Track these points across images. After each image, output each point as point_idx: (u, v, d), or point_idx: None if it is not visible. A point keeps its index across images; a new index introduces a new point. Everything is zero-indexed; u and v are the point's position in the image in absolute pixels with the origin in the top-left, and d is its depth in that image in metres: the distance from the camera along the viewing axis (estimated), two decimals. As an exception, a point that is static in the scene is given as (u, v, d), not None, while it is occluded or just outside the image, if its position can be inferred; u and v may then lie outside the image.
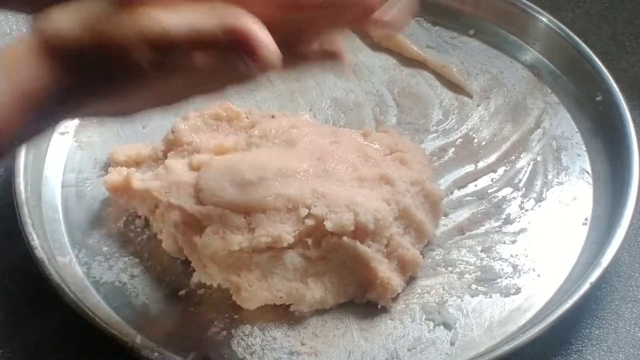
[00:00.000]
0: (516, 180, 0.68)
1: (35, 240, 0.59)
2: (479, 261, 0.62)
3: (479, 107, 0.74)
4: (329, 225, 0.57)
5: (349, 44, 0.79)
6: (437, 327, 0.58)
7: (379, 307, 0.59)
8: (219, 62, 0.45)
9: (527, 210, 0.66)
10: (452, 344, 0.57)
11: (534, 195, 0.67)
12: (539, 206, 0.66)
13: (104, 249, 0.62)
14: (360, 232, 0.58)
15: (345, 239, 0.57)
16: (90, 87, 0.44)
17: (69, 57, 0.42)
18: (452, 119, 0.73)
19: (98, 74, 0.43)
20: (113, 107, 0.48)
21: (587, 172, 0.68)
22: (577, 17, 0.84)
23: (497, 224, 0.65)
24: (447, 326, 0.58)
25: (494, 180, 0.68)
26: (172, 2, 0.44)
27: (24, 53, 0.43)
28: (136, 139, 0.68)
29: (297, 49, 0.50)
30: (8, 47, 0.44)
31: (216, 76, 0.46)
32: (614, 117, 0.69)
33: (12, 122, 0.42)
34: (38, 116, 0.43)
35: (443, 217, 0.65)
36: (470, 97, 0.75)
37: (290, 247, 0.58)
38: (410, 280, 0.61)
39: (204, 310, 0.59)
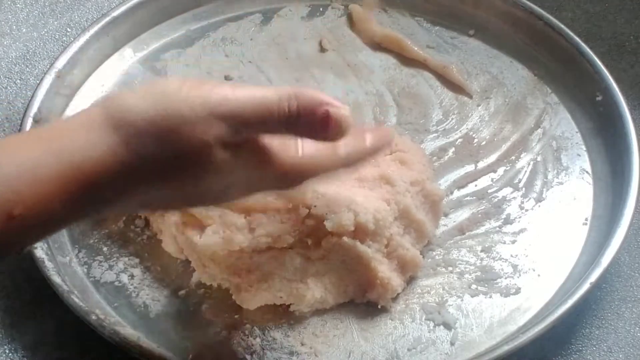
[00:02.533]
0: (516, 180, 0.68)
1: (35, 240, 0.59)
2: (479, 261, 0.62)
3: (479, 107, 0.74)
4: (329, 225, 0.57)
5: (349, 44, 0.79)
6: (437, 327, 0.58)
7: (379, 307, 0.59)
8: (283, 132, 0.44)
9: (527, 210, 0.66)
10: (452, 344, 0.57)
11: (534, 195, 0.67)
12: (539, 206, 0.66)
13: (104, 249, 0.62)
14: (360, 232, 0.58)
15: (345, 239, 0.57)
16: (148, 172, 0.41)
17: (135, 134, 0.40)
18: (452, 119, 0.73)
19: (162, 156, 0.40)
20: (165, 202, 0.45)
21: (587, 172, 0.68)
22: (577, 17, 0.84)
23: (497, 224, 0.65)
24: (447, 326, 0.58)
25: (494, 180, 0.68)
26: None
27: (84, 125, 0.40)
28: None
29: None
30: (71, 117, 0.42)
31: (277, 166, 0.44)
32: (614, 117, 0.69)
33: (52, 197, 0.39)
34: (86, 193, 0.39)
35: (443, 217, 0.65)
36: (470, 97, 0.75)
37: (290, 247, 0.58)
38: (410, 280, 0.61)
39: (204, 310, 0.59)
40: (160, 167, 0.41)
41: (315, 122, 0.43)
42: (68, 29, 0.81)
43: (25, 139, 0.40)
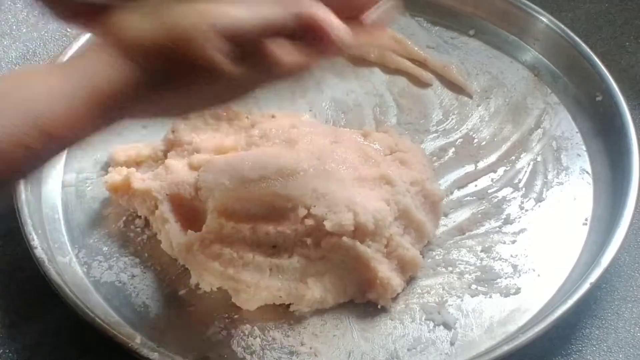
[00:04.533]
0: (516, 180, 0.68)
1: (35, 240, 0.59)
2: (479, 261, 0.62)
3: (479, 107, 0.74)
4: (328, 225, 0.57)
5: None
6: (437, 327, 0.58)
7: (379, 307, 0.59)
8: (289, 50, 0.46)
9: (527, 210, 0.66)
10: (452, 344, 0.57)
11: (534, 195, 0.67)
12: (539, 206, 0.66)
13: (104, 249, 0.62)
14: (360, 232, 0.58)
15: (345, 239, 0.57)
16: (162, 83, 0.45)
17: (143, 54, 0.44)
18: (452, 119, 0.73)
19: (171, 70, 0.44)
20: (176, 106, 0.49)
21: (587, 172, 0.68)
22: (577, 17, 0.84)
23: (497, 224, 0.65)
24: (447, 326, 0.58)
25: (494, 180, 0.68)
26: None
27: (98, 54, 0.44)
28: (136, 139, 0.68)
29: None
30: (85, 50, 0.46)
31: (283, 68, 0.47)
32: (614, 117, 0.69)
33: (84, 117, 0.43)
34: (108, 112, 0.44)
35: (443, 217, 0.65)
36: (470, 97, 0.75)
37: (290, 247, 0.58)
38: (410, 280, 0.61)
39: (204, 310, 0.59)
40: (170, 78, 0.45)
41: (315, 41, 0.46)
42: (68, 29, 0.81)
43: (51, 69, 0.45)
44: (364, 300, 0.59)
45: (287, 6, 0.46)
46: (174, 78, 0.45)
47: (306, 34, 0.46)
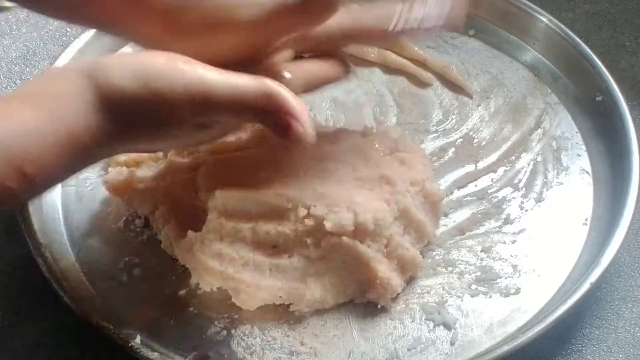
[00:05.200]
0: (516, 180, 0.68)
1: (35, 240, 0.59)
2: (479, 261, 0.62)
3: (479, 107, 0.74)
4: (328, 225, 0.57)
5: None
6: (437, 327, 0.58)
7: (379, 307, 0.59)
8: (251, 121, 0.49)
9: (527, 210, 0.66)
10: (452, 344, 0.57)
11: (534, 195, 0.67)
12: (539, 206, 0.66)
13: (104, 249, 0.62)
14: (360, 232, 0.58)
15: (345, 239, 0.57)
16: (134, 135, 0.46)
17: (121, 109, 0.44)
18: (452, 119, 0.73)
19: (145, 125, 0.46)
20: (146, 148, 0.54)
21: (587, 172, 0.68)
22: (577, 17, 0.84)
23: (497, 224, 0.65)
24: (447, 326, 0.58)
25: (494, 180, 0.68)
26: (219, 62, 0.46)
27: (75, 96, 0.44)
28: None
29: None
30: (56, 82, 0.45)
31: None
32: (614, 117, 0.69)
33: (57, 159, 0.43)
34: (80, 157, 0.45)
35: (443, 217, 0.65)
36: (470, 97, 0.75)
37: (290, 247, 0.58)
38: (410, 280, 0.61)
39: (204, 310, 0.59)
40: (145, 135, 0.47)
41: (278, 127, 0.47)
42: (68, 29, 0.81)
43: (19, 102, 0.44)
44: (364, 300, 0.59)
45: (261, 83, 0.46)
46: (145, 132, 0.46)
47: (270, 115, 0.46)
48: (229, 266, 0.57)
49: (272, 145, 0.63)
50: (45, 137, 0.42)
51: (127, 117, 0.44)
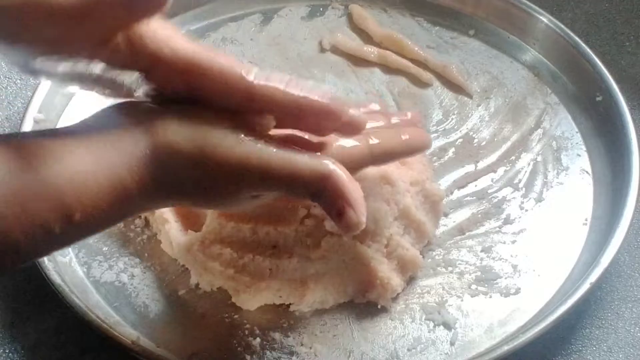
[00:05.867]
0: (516, 180, 0.68)
1: (35, 240, 0.59)
2: (479, 261, 0.62)
3: (479, 107, 0.74)
4: (328, 225, 0.57)
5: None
6: (437, 327, 0.58)
7: (379, 307, 0.59)
8: (305, 198, 0.47)
9: (527, 210, 0.66)
10: (452, 344, 0.57)
11: (534, 195, 0.67)
12: (539, 206, 0.66)
13: (104, 249, 0.62)
14: (360, 232, 0.57)
15: (345, 239, 0.57)
16: (181, 196, 0.46)
17: (172, 170, 0.43)
18: (452, 119, 0.73)
19: (193, 190, 0.45)
20: (191, 206, 0.54)
21: (587, 172, 0.68)
22: (577, 17, 0.84)
23: (497, 224, 0.65)
24: (447, 326, 0.58)
25: (494, 180, 0.68)
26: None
27: (131, 147, 0.43)
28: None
29: None
30: (115, 128, 0.44)
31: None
32: (614, 117, 0.69)
33: (104, 208, 0.42)
34: (124, 207, 0.44)
35: (443, 217, 0.65)
36: (470, 97, 0.75)
37: (290, 247, 0.58)
38: (410, 280, 0.61)
39: (204, 310, 0.59)
40: (192, 197, 0.46)
41: (332, 210, 0.46)
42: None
43: (77, 143, 0.42)
44: (364, 300, 0.59)
45: (319, 164, 0.45)
46: (193, 194, 0.46)
47: (325, 198, 0.45)
48: (229, 266, 0.57)
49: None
50: (97, 186, 0.41)
51: (178, 178, 0.44)
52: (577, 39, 0.75)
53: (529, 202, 0.66)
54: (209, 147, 0.43)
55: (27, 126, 0.67)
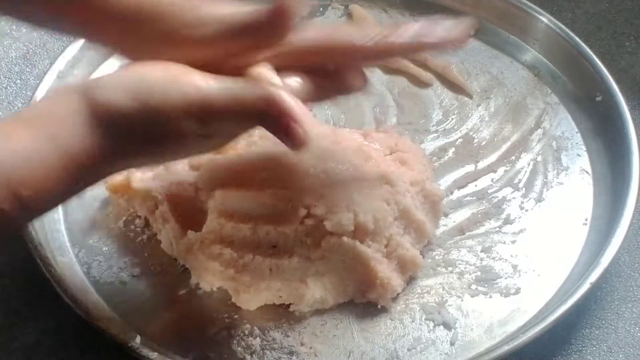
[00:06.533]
0: (516, 180, 0.68)
1: (35, 240, 0.59)
2: (479, 261, 0.62)
3: (479, 107, 0.74)
4: (328, 225, 0.57)
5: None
6: (437, 327, 0.58)
7: (379, 307, 0.59)
8: (252, 126, 0.47)
9: (527, 210, 0.66)
10: (452, 344, 0.57)
11: (534, 195, 0.67)
12: (539, 206, 0.66)
13: (104, 249, 0.62)
14: (360, 232, 0.58)
15: (345, 239, 0.57)
16: (134, 152, 0.45)
17: (117, 127, 0.43)
18: (452, 119, 0.73)
19: (143, 141, 0.45)
20: (148, 163, 0.53)
21: (587, 172, 0.68)
22: (577, 17, 0.84)
23: (497, 224, 0.65)
24: (447, 326, 0.58)
25: (494, 180, 0.68)
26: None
27: (71, 116, 0.43)
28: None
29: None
30: (52, 103, 0.45)
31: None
32: (614, 117, 0.69)
33: (54, 181, 0.42)
34: (79, 176, 0.44)
35: (443, 217, 0.65)
36: (470, 97, 0.75)
37: (290, 247, 0.58)
38: (410, 280, 0.61)
39: (204, 310, 0.59)
40: (145, 150, 0.46)
41: (279, 130, 0.46)
42: (68, 29, 0.81)
43: (15, 124, 0.43)
44: (364, 300, 0.59)
45: (260, 88, 0.46)
46: (143, 148, 0.46)
47: (271, 119, 0.46)
48: (229, 266, 0.57)
49: (272, 145, 0.63)
50: (42, 159, 0.41)
51: (125, 134, 0.44)
52: (577, 39, 0.75)
53: (529, 202, 0.66)
54: (147, 95, 0.43)
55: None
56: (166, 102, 0.44)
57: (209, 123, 0.45)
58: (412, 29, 0.53)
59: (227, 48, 0.48)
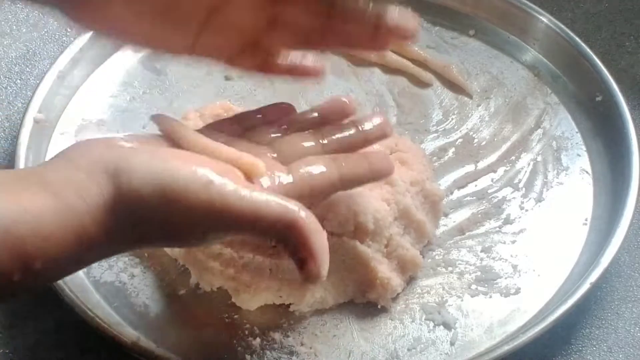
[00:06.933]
0: (516, 180, 0.68)
1: (35, 240, 0.59)
2: (479, 261, 0.62)
3: (479, 107, 0.74)
4: (328, 225, 0.57)
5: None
6: (437, 327, 0.58)
7: (379, 307, 0.59)
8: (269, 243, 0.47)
9: (527, 210, 0.66)
10: (452, 344, 0.57)
11: (534, 195, 0.67)
12: (539, 206, 0.66)
13: (104, 249, 0.62)
14: (360, 232, 0.58)
15: (345, 239, 0.57)
16: (148, 239, 0.45)
17: (138, 217, 0.42)
18: (452, 119, 0.73)
19: (160, 234, 0.44)
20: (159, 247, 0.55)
21: (587, 172, 0.68)
22: (577, 17, 0.84)
23: (497, 224, 0.65)
24: (447, 326, 0.58)
25: (494, 180, 0.68)
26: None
27: (94, 191, 0.42)
28: (136, 139, 0.68)
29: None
30: (79, 169, 0.42)
31: None
32: (614, 117, 0.69)
33: (67, 256, 0.41)
34: (88, 253, 0.43)
35: (443, 217, 0.65)
36: (470, 97, 0.75)
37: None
38: (410, 280, 0.61)
39: (204, 310, 0.59)
40: (158, 241, 0.47)
41: (294, 256, 0.44)
42: (68, 29, 0.81)
43: (30, 187, 0.41)
44: (364, 300, 0.59)
45: (285, 209, 0.43)
46: (158, 241, 0.46)
47: (288, 246, 0.44)
48: (229, 266, 0.57)
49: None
50: (59, 232, 0.40)
51: (142, 225, 0.43)
52: (577, 39, 0.75)
53: (529, 202, 0.66)
54: (173, 195, 0.42)
55: (27, 126, 0.67)
56: (190, 207, 0.42)
57: (224, 233, 0.45)
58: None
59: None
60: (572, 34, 0.75)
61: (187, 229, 0.43)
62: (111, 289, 0.60)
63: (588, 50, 0.74)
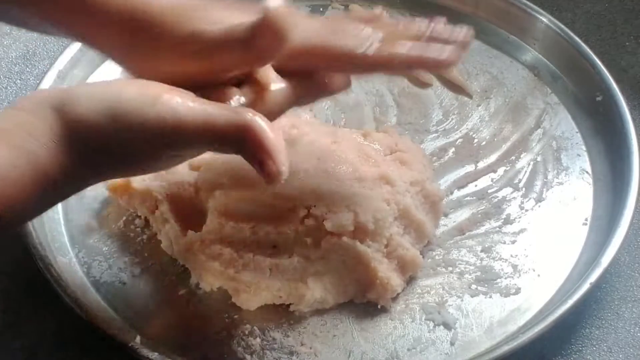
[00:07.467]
0: (516, 180, 0.68)
1: (35, 240, 0.59)
2: (479, 261, 0.62)
3: (479, 107, 0.74)
4: (328, 225, 0.57)
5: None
6: (437, 327, 0.58)
7: (379, 307, 0.59)
8: (227, 152, 0.46)
9: (527, 210, 0.66)
10: (452, 344, 0.57)
11: (534, 195, 0.67)
12: (539, 206, 0.66)
13: (104, 249, 0.62)
14: (360, 232, 0.58)
15: (345, 239, 0.57)
16: (106, 168, 0.46)
17: (90, 144, 0.43)
18: (452, 119, 0.73)
19: (115, 158, 0.44)
20: (121, 177, 0.55)
21: (587, 172, 0.68)
22: (577, 17, 0.84)
23: (497, 224, 0.65)
24: (447, 326, 0.58)
25: (494, 180, 0.68)
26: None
27: (45, 131, 0.42)
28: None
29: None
30: (26, 115, 0.43)
31: None
32: (614, 117, 0.69)
33: (27, 197, 0.42)
34: (50, 192, 0.43)
35: (443, 217, 0.65)
36: (470, 97, 0.75)
37: (290, 247, 0.58)
38: (410, 280, 0.61)
39: (204, 310, 0.59)
40: (117, 167, 0.46)
41: (253, 160, 0.44)
42: (68, 29, 0.81)
43: None
44: (364, 300, 0.59)
45: (236, 113, 0.44)
46: (115, 165, 0.45)
47: (243, 149, 0.44)
48: (229, 266, 0.57)
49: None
50: (14, 173, 0.41)
51: (98, 151, 0.43)
52: (577, 39, 0.75)
53: (529, 202, 0.66)
54: (121, 116, 0.42)
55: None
56: (141, 123, 0.42)
57: (180, 147, 0.45)
58: (409, 44, 0.53)
59: (215, 65, 0.46)
60: (572, 34, 0.75)
61: (142, 151, 0.44)
62: (111, 289, 0.60)
63: (588, 50, 0.74)
